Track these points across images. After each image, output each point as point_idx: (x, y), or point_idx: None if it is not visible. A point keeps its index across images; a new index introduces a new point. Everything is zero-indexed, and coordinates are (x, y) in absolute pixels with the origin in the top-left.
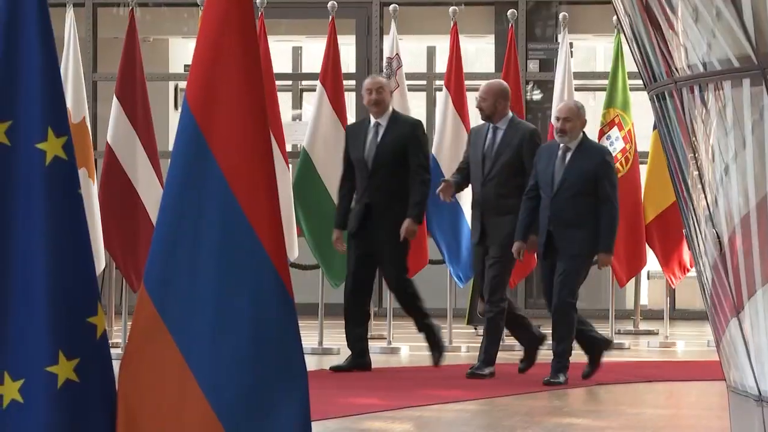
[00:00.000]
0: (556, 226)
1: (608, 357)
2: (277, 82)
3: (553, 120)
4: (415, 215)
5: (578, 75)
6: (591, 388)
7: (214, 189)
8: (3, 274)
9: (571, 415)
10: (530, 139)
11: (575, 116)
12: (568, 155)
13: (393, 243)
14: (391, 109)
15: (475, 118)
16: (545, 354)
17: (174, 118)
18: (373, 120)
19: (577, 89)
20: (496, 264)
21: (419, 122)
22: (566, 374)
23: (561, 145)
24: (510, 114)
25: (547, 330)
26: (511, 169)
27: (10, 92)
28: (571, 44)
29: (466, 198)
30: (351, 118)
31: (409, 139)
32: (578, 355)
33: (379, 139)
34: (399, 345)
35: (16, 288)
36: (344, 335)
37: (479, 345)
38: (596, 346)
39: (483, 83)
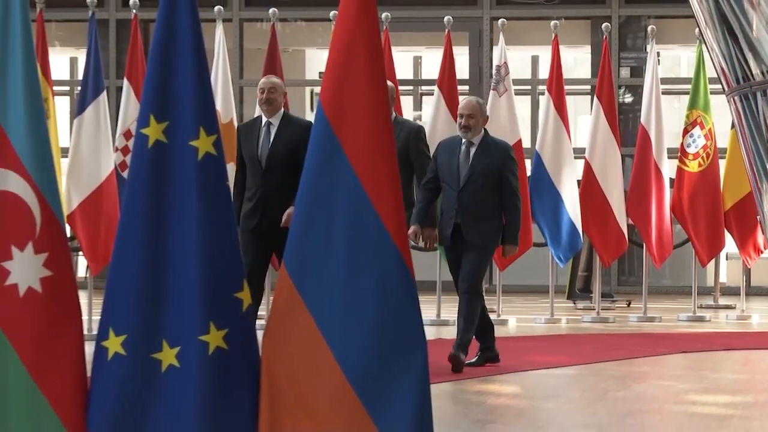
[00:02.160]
0: (464, 218)
1: (691, 328)
2: (400, 87)
3: (458, 117)
4: None
5: (665, 80)
6: (676, 356)
7: (345, 180)
8: (162, 256)
9: (658, 379)
10: (416, 135)
11: (478, 113)
12: (473, 150)
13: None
14: (282, 110)
15: (573, 118)
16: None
17: (309, 118)
18: (264, 119)
19: (663, 93)
20: None
21: (311, 123)
22: (467, 352)
23: (464, 140)
24: (394, 113)
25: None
26: (399, 164)
27: (168, 97)
28: (658, 53)
29: (566, 187)
30: None
31: (301, 142)
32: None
33: (271, 138)
34: (507, 317)
35: (173, 267)
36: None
37: (577, 318)
38: (486, 339)
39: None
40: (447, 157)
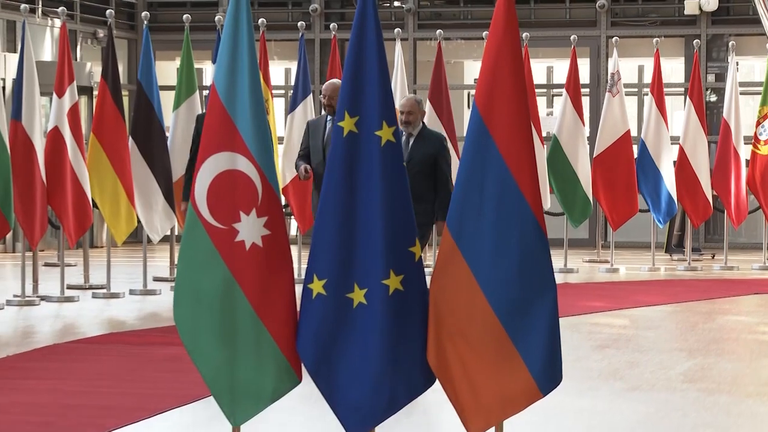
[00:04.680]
0: None
1: (762, 275)
2: (536, 90)
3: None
4: None
5: (742, 84)
6: (750, 297)
7: (493, 160)
8: (353, 218)
9: (737, 314)
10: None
11: (416, 110)
12: (411, 140)
13: None
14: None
15: (670, 113)
16: None
17: (466, 114)
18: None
19: (741, 93)
20: None
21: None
22: None
23: (404, 132)
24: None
25: None
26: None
27: (359, 98)
28: (737, 63)
29: (665, 166)
30: (586, 115)
31: None
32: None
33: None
34: (618, 266)
35: (361, 228)
36: (581, 261)
37: (672, 267)
38: None
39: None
40: None
